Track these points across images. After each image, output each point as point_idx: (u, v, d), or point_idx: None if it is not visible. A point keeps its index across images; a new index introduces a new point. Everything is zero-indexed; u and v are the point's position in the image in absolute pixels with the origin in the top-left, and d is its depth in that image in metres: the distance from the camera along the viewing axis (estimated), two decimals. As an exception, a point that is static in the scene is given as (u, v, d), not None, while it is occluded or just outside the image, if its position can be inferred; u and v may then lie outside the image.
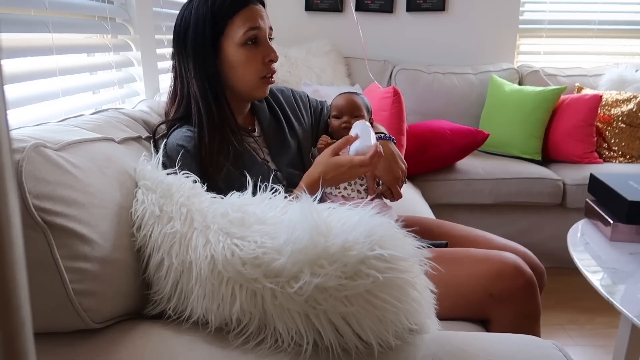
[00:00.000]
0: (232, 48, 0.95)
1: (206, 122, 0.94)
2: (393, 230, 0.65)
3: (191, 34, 0.94)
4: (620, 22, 2.83)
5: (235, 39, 0.94)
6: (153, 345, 0.65)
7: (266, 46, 0.97)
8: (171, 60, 1.01)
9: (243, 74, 0.97)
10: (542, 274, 1.11)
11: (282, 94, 1.19)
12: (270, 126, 1.10)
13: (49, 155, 0.63)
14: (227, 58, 0.95)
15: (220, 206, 0.72)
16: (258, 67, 0.97)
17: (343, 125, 1.15)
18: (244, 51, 0.95)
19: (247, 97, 1.02)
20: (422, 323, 0.66)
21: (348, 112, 1.16)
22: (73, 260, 0.62)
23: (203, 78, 0.95)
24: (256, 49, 0.96)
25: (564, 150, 2.32)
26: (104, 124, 0.85)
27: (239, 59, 0.95)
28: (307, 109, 1.22)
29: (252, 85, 0.99)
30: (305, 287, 0.60)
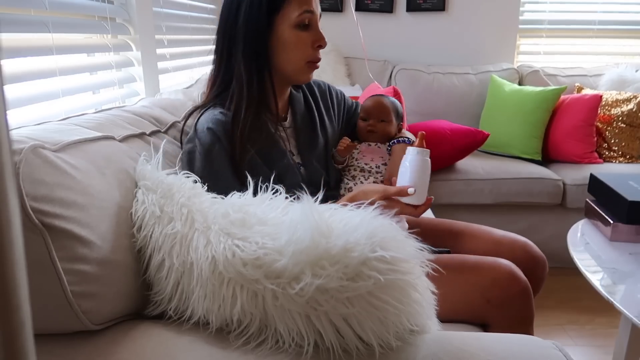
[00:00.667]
0: (286, 27, 0.94)
1: (245, 101, 0.94)
2: (394, 232, 0.65)
3: (246, 7, 0.93)
4: (620, 22, 2.83)
5: (290, 18, 0.94)
6: (154, 345, 0.65)
7: (317, 31, 0.97)
8: (215, 36, 1.00)
9: (291, 56, 0.97)
10: (543, 264, 1.12)
11: (319, 87, 1.19)
12: (303, 118, 1.10)
13: (47, 156, 0.63)
14: (279, 37, 0.95)
15: (221, 207, 0.72)
16: (307, 51, 0.97)
17: (368, 129, 1.15)
18: (296, 33, 0.95)
19: (291, 80, 1.02)
20: (423, 324, 0.66)
21: (375, 115, 1.15)
22: (71, 262, 0.62)
23: (251, 55, 0.95)
24: (307, 33, 0.96)
25: (564, 150, 2.32)
26: (105, 122, 0.84)
27: (290, 39, 0.95)
28: (340, 107, 1.22)
29: (298, 69, 0.99)
30: (306, 288, 0.60)
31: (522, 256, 1.08)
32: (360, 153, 1.14)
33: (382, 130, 1.14)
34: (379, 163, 1.12)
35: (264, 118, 0.98)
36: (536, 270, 1.08)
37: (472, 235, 1.18)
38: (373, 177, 1.11)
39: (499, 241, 1.14)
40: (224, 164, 0.91)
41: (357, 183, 1.11)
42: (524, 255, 1.09)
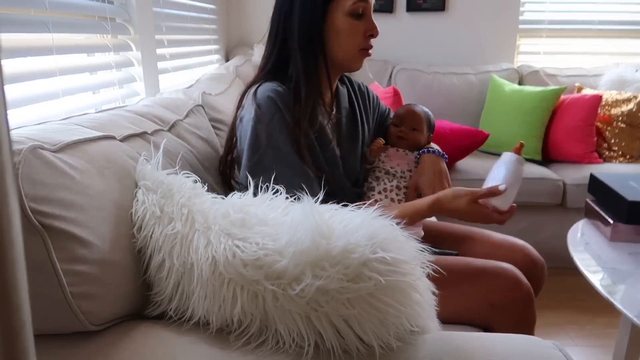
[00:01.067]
0: (340, 15, 0.96)
1: (305, 86, 0.96)
2: (395, 233, 0.65)
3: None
4: (620, 22, 2.83)
5: (344, 6, 0.95)
6: (154, 345, 0.65)
7: (370, 21, 0.99)
8: (271, 21, 1.01)
9: (344, 43, 0.98)
10: (542, 267, 1.12)
11: (359, 88, 1.21)
12: (347, 113, 1.12)
13: (46, 157, 0.63)
14: (333, 25, 0.97)
15: (222, 207, 0.72)
16: (359, 39, 0.99)
17: (398, 134, 1.19)
18: (349, 21, 0.97)
19: (344, 67, 1.03)
20: (424, 325, 0.66)
21: (407, 123, 1.18)
22: (71, 263, 0.61)
23: (307, 42, 0.97)
24: (360, 22, 0.98)
25: (564, 150, 2.32)
26: (106, 122, 0.84)
27: (343, 27, 0.97)
28: (375, 110, 1.24)
29: (351, 56, 1.00)
30: (306, 289, 0.60)
31: (521, 260, 1.08)
32: (388, 157, 1.17)
33: (413, 138, 1.18)
34: (404, 169, 1.15)
35: (319, 105, 1.00)
36: (535, 273, 1.08)
37: (471, 238, 1.19)
38: (397, 180, 1.13)
39: (499, 245, 1.14)
40: (284, 134, 0.92)
41: (380, 184, 1.14)
42: (523, 258, 1.10)
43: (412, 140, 1.18)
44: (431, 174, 1.10)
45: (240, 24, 2.81)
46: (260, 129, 0.92)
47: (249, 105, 0.96)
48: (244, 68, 2.13)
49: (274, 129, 0.92)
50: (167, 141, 0.93)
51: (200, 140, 1.08)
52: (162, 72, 1.58)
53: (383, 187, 1.13)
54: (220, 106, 1.39)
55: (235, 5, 2.78)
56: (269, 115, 0.92)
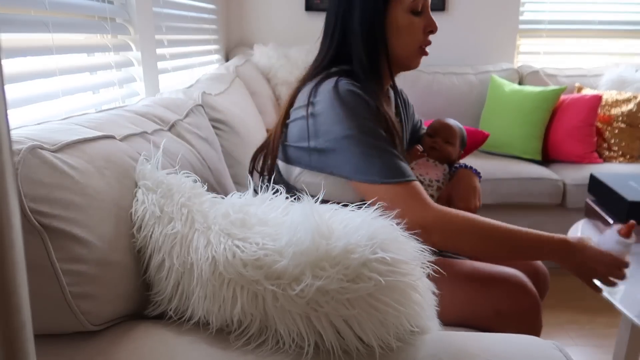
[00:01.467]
0: (400, 12, 0.95)
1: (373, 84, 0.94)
2: (395, 233, 0.65)
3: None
4: (620, 22, 2.83)
5: (405, 4, 0.95)
6: (154, 345, 0.65)
7: (429, 17, 0.98)
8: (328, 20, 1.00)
9: (405, 40, 0.97)
10: (545, 277, 1.12)
11: (401, 94, 1.21)
12: (395, 115, 1.11)
13: (45, 157, 0.62)
14: (393, 21, 0.96)
15: (221, 207, 0.72)
16: (419, 36, 0.98)
17: (431, 145, 1.22)
18: (409, 17, 0.96)
19: (403, 64, 1.02)
20: (424, 325, 0.66)
21: (441, 135, 1.21)
22: (70, 263, 0.61)
23: (370, 39, 0.95)
24: (419, 18, 0.97)
25: (564, 151, 2.33)
26: (106, 122, 0.84)
27: (404, 24, 0.96)
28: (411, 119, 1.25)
29: (410, 54, 0.99)
30: (306, 289, 0.60)
31: (524, 269, 1.08)
32: (417, 165, 1.19)
33: (445, 150, 1.20)
34: (432, 178, 1.17)
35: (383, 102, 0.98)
36: (538, 283, 1.08)
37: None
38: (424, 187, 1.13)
39: None
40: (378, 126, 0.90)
41: None
42: (526, 267, 1.09)
43: (444, 153, 1.20)
44: (467, 188, 1.11)
45: (240, 24, 2.81)
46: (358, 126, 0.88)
47: (332, 105, 0.89)
48: (244, 68, 2.13)
49: (371, 124, 0.89)
50: (167, 141, 0.93)
51: (200, 140, 1.08)
52: (162, 72, 1.58)
53: None
54: (220, 106, 1.39)
55: (235, 5, 2.78)
56: (360, 108, 0.89)
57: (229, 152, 1.35)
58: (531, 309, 0.94)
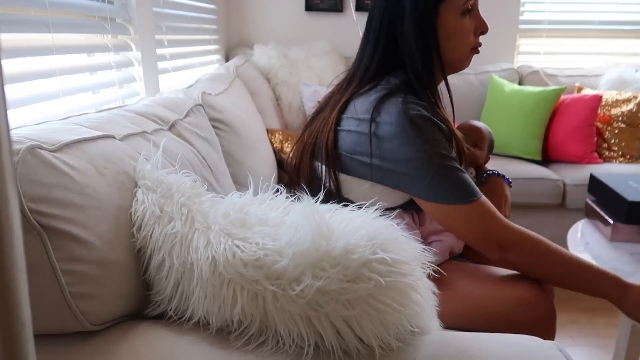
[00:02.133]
0: (452, 16, 0.93)
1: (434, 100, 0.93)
2: (396, 234, 0.65)
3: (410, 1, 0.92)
4: (620, 22, 2.83)
5: (456, 6, 0.93)
6: (153, 346, 0.65)
7: (479, 17, 0.96)
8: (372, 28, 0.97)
9: (457, 44, 0.95)
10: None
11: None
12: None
13: (45, 157, 0.62)
14: (445, 26, 0.94)
15: (221, 207, 0.72)
16: (470, 38, 0.96)
17: None
18: (462, 20, 0.94)
19: (456, 68, 1.00)
20: (424, 325, 0.66)
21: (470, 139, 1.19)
22: (70, 262, 0.61)
23: (425, 45, 0.93)
24: (470, 20, 0.95)
25: (564, 151, 2.33)
26: (106, 122, 0.84)
27: (457, 27, 0.94)
28: None
29: (463, 56, 0.98)
30: (306, 289, 0.60)
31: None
32: None
33: (473, 154, 1.19)
34: None
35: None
36: None
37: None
38: None
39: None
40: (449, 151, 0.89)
41: None
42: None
43: (472, 157, 1.18)
44: (500, 198, 1.10)
45: (240, 24, 2.81)
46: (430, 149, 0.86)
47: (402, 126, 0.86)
48: (244, 68, 2.13)
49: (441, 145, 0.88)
50: (167, 140, 0.93)
51: (201, 139, 1.08)
52: (162, 72, 1.58)
53: None
54: (220, 106, 1.39)
55: (235, 5, 2.78)
56: (431, 130, 0.87)
57: (229, 152, 1.35)
58: (545, 318, 0.90)
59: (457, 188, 0.86)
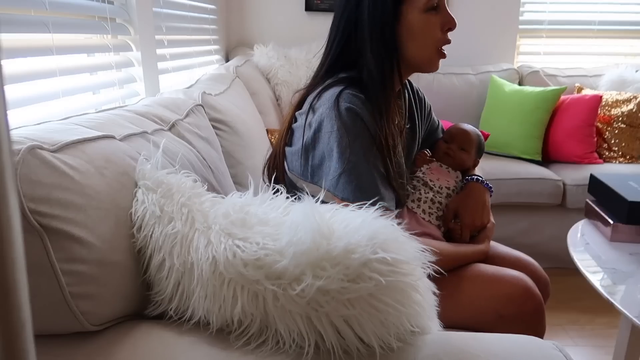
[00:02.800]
0: (414, 13, 0.90)
1: (382, 97, 0.90)
2: (396, 234, 0.65)
3: (368, 2, 0.90)
4: (620, 22, 2.83)
5: (418, 4, 0.89)
6: (154, 346, 0.65)
7: (446, 13, 0.92)
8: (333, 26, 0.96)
9: (422, 42, 0.92)
10: (546, 284, 1.11)
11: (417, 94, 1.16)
12: (408, 120, 1.08)
13: (45, 157, 0.62)
14: (407, 24, 0.90)
15: (222, 207, 0.72)
16: (437, 35, 0.92)
17: (446, 151, 1.18)
18: (426, 17, 0.90)
19: (421, 69, 0.98)
20: (424, 325, 0.66)
21: (457, 142, 1.18)
22: (70, 263, 0.61)
23: (381, 46, 0.90)
24: (436, 16, 0.91)
25: (564, 151, 2.33)
26: (106, 122, 0.84)
27: (420, 25, 0.90)
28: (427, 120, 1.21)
29: (428, 56, 0.94)
30: (307, 289, 0.60)
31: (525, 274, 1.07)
32: (430, 169, 1.16)
33: (459, 158, 1.18)
34: (442, 185, 1.14)
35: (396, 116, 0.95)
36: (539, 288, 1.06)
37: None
38: (433, 194, 1.12)
39: (502, 257, 1.13)
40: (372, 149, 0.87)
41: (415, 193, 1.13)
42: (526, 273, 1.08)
43: (459, 160, 1.18)
44: (475, 204, 1.08)
45: (240, 24, 2.81)
46: (348, 144, 0.85)
47: (330, 115, 0.87)
48: (244, 68, 2.13)
49: (360, 146, 0.86)
50: (167, 141, 0.93)
51: (201, 139, 1.08)
52: (162, 72, 1.58)
53: (418, 196, 1.11)
54: (220, 106, 1.39)
55: (235, 6, 2.78)
56: (355, 130, 0.86)
57: (229, 152, 1.35)
58: (534, 313, 0.92)
59: (361, 189, 0.84)
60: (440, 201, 1.12)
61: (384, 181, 0.88)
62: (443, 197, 1.13)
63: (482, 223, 1.08)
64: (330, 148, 0.86)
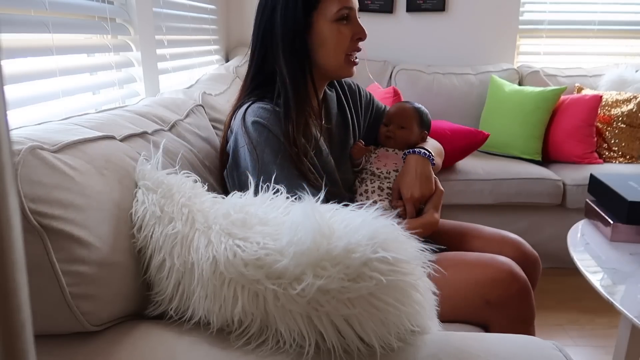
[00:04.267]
0: (324, 23, 0.94)
1: (294, 102, 0.93)
2: (396, 233, 0.65)
3: (281, 9, 0.93)
4: (620, 22, 2.83)
5: (328, 14, 0.94)
6: (154, 346, 0.65)
7: (356, 24, 0.97)
8: (252, 36, 1.00)
9: (331, 51, 0.96)
10: (535, 261, 1.11)
11: (349, 88, 1.18)
12: (337, 119, 1.09)
13: (45, 157, 0.62)
14: (317, 33, 0.95)
15: (222, 207, 0.72)
16: (346, 43, 0.97)
17: (386, 134, 1.14)
18: (335, 27, 0.95)
19: (333, 75, 1.01)
20: (424, 325, 0.66)
21: (395, 121, 1.15)
22: (70, 263, 0.61)
23: (292, 54, 0.94)
24: (346, 26, 0.96)
25: (564, 151, 2.32)
26: (106, 122, 0.84)
27: (329, 34, 0.95)
28: (368, 109, 1.21)
29: (339, 63, 0.98)
30: (307, 289, 0.60)
31: (512, 254, 1.06)
32: (377, 157, 1.14)
33: (401, 137, 1.14)
34: (390, 169, 1.11)
35: (310, 118, 0.98)
36: (527, 267, 1.05)
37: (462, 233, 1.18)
38: (379, 181, 1.10)
39: (489, 238, 1.13)
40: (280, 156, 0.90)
41: (362, 186, 1.11)
42: (514, 252, 1.08)
43: (401, 139, 1.14)
44: (412, 175, 1.05)
45: (240, 24, 2.81)
46: (257, 156, 0.90)
47: (240, 132, 0.93)
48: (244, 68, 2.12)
49: (270, 154, 0.90)
50: (167, 141, 0.93)
51: (201, 139, 1.08)
52: (162, 72, 1.58)
53: (365, 188, 1.10)
54: (220, 106, 1.39)
55: (235, 6, 2.78)
56: (262, 141, 0.90)
57: (229, 153, 1.35)
58: (521, 295, 0.92)
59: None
60: (389, 187, 1.10)
61: (303, 183, 0.89)
62: (391, 181, 1.10)
63: (422, 194, 1.05)
64: (246, 163, 0.91)
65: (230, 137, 0.97)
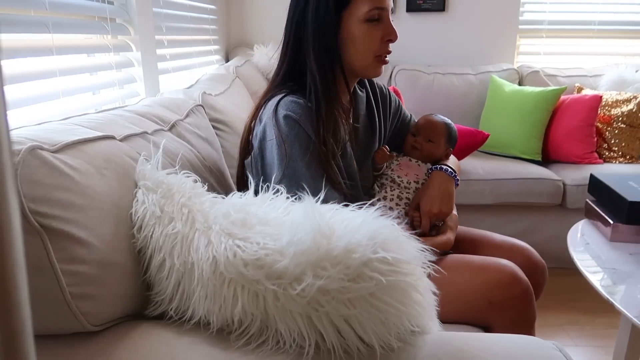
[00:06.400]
0: (355, 22, 0.93)
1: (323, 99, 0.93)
2: (396, 233, 0.65)
3: (313, 5, 0.93)
4: (620, 22, 2.83)
5: (359, 14, 0.93)
6: (154, 346, 0.65)
7: (388, 25, 0.95)
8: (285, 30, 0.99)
9: (360, 50, 0.95)
10: (543, 269, 1.12)
11: (381, 91, 1.17)
12: (364, 120, 1.09)
13: (45, 157, 0.62)
14: (348, 32, 0.94)
15: (222, 207, 0.72)
16: (376, 44, 0.95)
17: (413, 144, 1.15)
18: (366, 27, 0.94)
19: (361, 74, 1.01)
20: (424, 325, 0.66)
21: (423, 134, 1.15)
22: (70, 263, 0.61)
23: (322, 51, 0.94)
24: (377, 27, 0.95)
25: (564, 151, 2.32)
26: (106, 122, 0.84)
27: (359, 34, 0.94)
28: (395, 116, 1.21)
29: (367, 63, 0.98)
30: (307, 289, 0.60)
31: (521, 261, 1.08)
32: (399, 165, 1.14)
33: (427, 150, 1.15)
34: (411, 179, 1.12)
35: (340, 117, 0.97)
36: (535, 275, 1.08)
37: (472, 240, 1.18)
38: (399, 190, 1.11)
39: (499, 246, 1.14)
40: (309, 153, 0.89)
41: (382, 192, 1.11)
42: (523, 260, 1.09)
43: (427, 152, 1.15)
44: (435, 191, 1.07)
45: (240, 24, 2.81)
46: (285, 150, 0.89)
47: (270, 124, 0.92)
48: (244, 68, 2.13)
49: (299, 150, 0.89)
50: (167, 141, 0.93)
51: (201, 140, 1.08)
52: (162, 72, 1.58)
53: (384, 194, 1.10)
54: (220, 106, 1.39)
55: (235, 6, 2.78)
56: (292, 136, 0.89)
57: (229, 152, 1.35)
58: (522, 298, 0.94)
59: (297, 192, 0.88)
60: (408, 197, 1.10)
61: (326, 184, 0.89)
62: (411, 192, 1.11)
63: (440, 211, 1.06)
64: (272, 156, 0.90)
65: (258, 127, 0.96)
